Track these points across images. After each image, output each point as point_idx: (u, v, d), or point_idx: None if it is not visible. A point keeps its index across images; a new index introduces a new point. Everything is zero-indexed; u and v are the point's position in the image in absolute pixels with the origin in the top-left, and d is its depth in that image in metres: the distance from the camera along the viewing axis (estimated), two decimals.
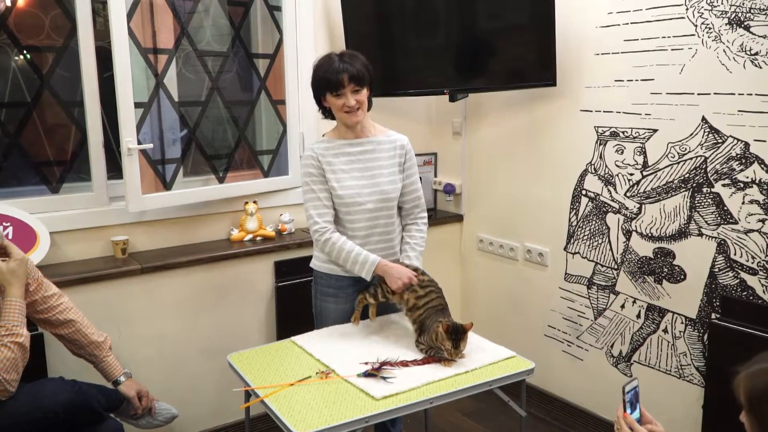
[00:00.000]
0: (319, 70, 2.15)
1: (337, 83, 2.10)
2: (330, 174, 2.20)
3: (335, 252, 2.18)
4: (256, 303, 2.82)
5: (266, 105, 3.03)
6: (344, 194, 2.20)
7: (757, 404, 1.22)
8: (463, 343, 1.95)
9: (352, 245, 2.17)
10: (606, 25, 2.59)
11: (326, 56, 2.18)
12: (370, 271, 2.15)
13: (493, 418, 2.97)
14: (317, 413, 1.70)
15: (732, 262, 2.29)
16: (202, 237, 2.81)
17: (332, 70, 2.11)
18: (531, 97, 2.94)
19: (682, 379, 2.49)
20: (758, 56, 2.15)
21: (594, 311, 2.80)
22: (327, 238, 2.19)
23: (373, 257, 2.16)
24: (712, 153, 2.31)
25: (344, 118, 2.17)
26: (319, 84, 2.15)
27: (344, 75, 2.10)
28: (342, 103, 2.13)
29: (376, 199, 2.22)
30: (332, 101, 2.15)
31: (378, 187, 2.23)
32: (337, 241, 2.18)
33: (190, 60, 2.79)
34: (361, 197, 2.21)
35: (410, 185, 2.31)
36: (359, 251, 2.16)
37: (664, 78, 2.42)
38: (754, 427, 1.23)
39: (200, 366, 2.69)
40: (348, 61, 2.12)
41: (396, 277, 2.11)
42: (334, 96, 2.13)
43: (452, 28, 2.96)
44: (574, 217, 2.84)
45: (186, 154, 2.81)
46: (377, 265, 2.14)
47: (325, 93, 2.15)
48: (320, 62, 2.17)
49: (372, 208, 2.22)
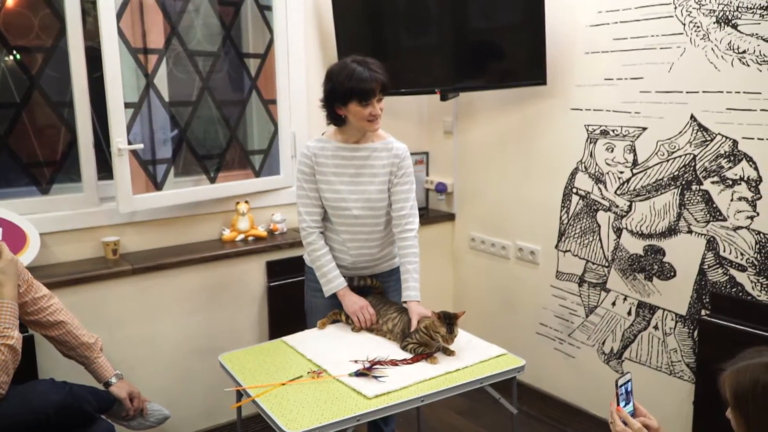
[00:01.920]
0: (346, 79, 2.07)
1: (370, 92, 2.07)
2: (320, 175, 2.21)
3: (312, 256, 2.25)
4: (249, 303, 2.82)
5: (257, 105, 3.02)
6: (330, 198, 2.21)
7: (742, 401, 1.23)
8: (456, 329, 1.99)
9: (330, 259, 2.24)
10: (595, 24, 2.60)
11: (344, 63, 2.13)
12: (330, 291, 2.23)
13: (485, 415, 2.98)
14: (309, 412, 1.70)
15: (721, 259, 2.31)
16: (194, 237, 2.81)
17: (364, 78, 2.06)
18: (522, 96, 2.94)
19: (673, 376, 2.51)
20: (746, 54, 2.16)
21: (585, 309, 2.81)
22: (311, 241, 2.24)
23: (339, 281, 2.23)
24: (700, 151, 2.32)
25: (367, 126, 2.14)
26: (347, 92, 2.07)
27: (376, 84, 2.08)
28: (369, 112, 2.10)
29: (362, 206, 2.22)
30: (356, 110, 2.10)
31: (365, 195, 2.22)
32: (319, 249, 2.23)
33: (181, 60, 2.78)
34: (347, 203, 2.21)
35: (399, 193, 2.24)
36: (332, 269, 2.23)
37: (653, 76, 2.43)
38: (740, 424, 1.24)
39: (192, 367, 2.69)
40: (376, 70, 2.09)
41: (353, 302, 2.21)
42: (361, 105, 2.09)
43: (443, 28, 2.97)
44: (565, 216, 2.85)
45: (177, 154, 2.81)
46: (338, 291, 2.23)
47: (349, 101, 2.09)
48: (340, 70, 2.11)
49: (357, 214, 2.22)
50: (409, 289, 2.21)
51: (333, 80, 2.12)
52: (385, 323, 2.17)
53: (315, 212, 2.23)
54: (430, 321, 2.02)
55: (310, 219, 2.23)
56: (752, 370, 1.22)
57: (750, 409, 1.21)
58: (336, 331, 2.23)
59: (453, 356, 2.02)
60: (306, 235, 2.25)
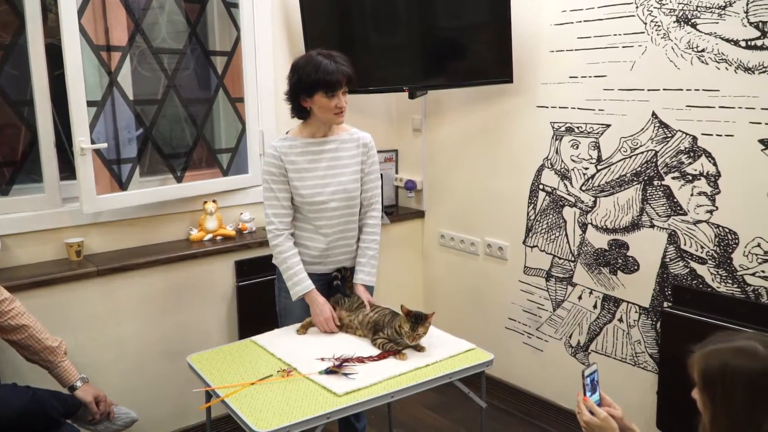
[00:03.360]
0: (313, 71, 2.09)
1: (336, 84, 2.09)
2: (293, 173, 2.20)
3: (280, 258, 2.23)
4: (217, 303, 2.80)
5: (224, 103, 3.00)
6: (306, 194, 2.20)
7: (709, 383, 1.26)
8: (423, 328, 2.00)
9: (298, 261, 2.22)
10: (560, 23, 2.64)
11: (310, 56, 2.15)
12: (298, 293, 2.21)
13: (455, 410, 3.01)
14: (279, 411, 1.70)
15: (682, 252, 2.37)
16: (161, 238, 2.77)
17: (330, 71, 2.09)
18: (489, 94, 2.97)
19: (637, 367, 2.56)
20: (704, 53, 2.22)
21: (552, 303, 2.86)
22: (277, 243, 2.22)
23: (307, 283, 2.21)
24: (662, 147, 2.38)
25: (333, 118, 2.17)
26: (313, 84, 2.09)
27: (342, 77, 2.10)
28: (334, 104, 2.12)
29: (339, 198, 2.23)
30: (322, 101, 2.12)
31: (341, 186, 2.23)
32: (287, 250, 2.22)
33: (145, 57, 2.74)
34: (324, 196, 2.21)
35: (369, 182, 2.31)
36: (299, 271, 2.21)
37: (616, 74, 2.48)
38: (706, 404, 1.27)
39: (160, 368, 2.66)
40: (342, 62, 2.12)
41: (317, 313, 2.19)
42: (327, 96, 2.11)
43: (412, 26, 2.98)
44: (532, 212, 2.89)
45: (142, 153, 2.77)
46: (306, 293, 2.21)
47: (315, 93, 2.11)
48: (307, 62, 2.13)
49: (335, 206, 2.23)
50: (364, 273, 2.28)
51: (299, 72, 2.13)
52: (356, 317, 2.18)
53: (283, 214, 2.22)
54: (400, 320, 2.04)
55: (278, 221, 2.21)
56: (722, 353, 1.26)
57: (717, 391, 1.24)
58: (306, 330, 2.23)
59: (423, 352, 2.03)
60: (273, 237, 2.23)
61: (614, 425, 1.52)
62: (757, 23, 2.07)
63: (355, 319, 2.18)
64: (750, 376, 1.21)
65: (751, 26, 2.09)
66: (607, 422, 1.51)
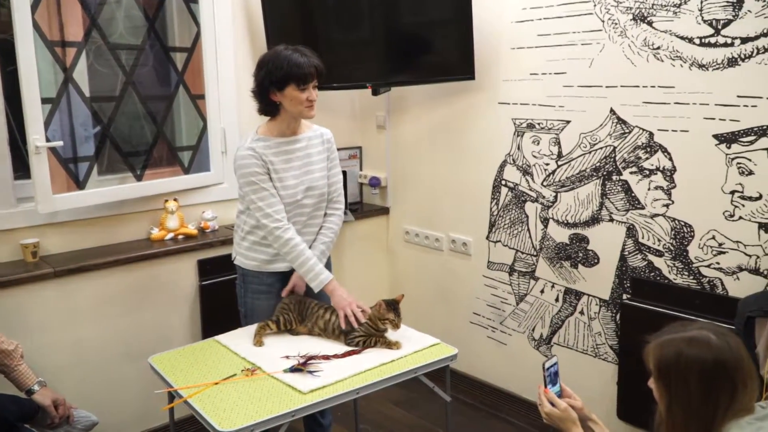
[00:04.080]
0: (284, 63, 2.08)
1: (308, 76, 2.09)
2: (273, 174, 2.17)
3: (293, 254, 2.16)
4: (180, 303, 2.76)
5: (185, 100, 2.95)
6: (285, 194, 2.19)
7: (664, 371, 1.30)
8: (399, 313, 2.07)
9: (312, 253, 2.19)
10: (520, 20, 2.67)
11: (277, 51, 2.13)
12: (321, 284, 2.16)
13: (421, 405, 3.02)
14: (243, 410, 1.69)
15: (640, 245, 2.42)
16: (121, 237, 2.72)
17: (301, 63, 2.08)
18: (451, 90, 2.99)
19: (598, 358, 2.62)
20: (660, 50, 2.27)
21: (516, 297, 2.89)
22: (289, 237, 2.15)
23: (326, 273, 2.18)
24: (620, 142, 2.43)
25: (304, 111, 2.15)
26: (284, 77, 2.08)
27: (313, 68, 2.10)
28: (305, 97, 2.11)
29: (312, 194, 2.24)
30: (294, 94, 2.10)
31: (312, 183, 2.24)
32: (300, 243, 2.16)
33: (102, 53, 2.68)
34: (299, 195, 2.21)
35: (333, 176, 2.32)
36: (316, 262, 2.17)
37: (575, 71, 2.52)
38: (662, 393, 1.31)
39: (121, 371, 2.61)
40: (310, 56, 2.12)
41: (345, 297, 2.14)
42: (299, 90, 2.10)
43: (375, 23, 2.98)
44: (495, 207, 2.92)
45: (100, 151, 2.71)
46: (328, 282, 2.17)
47: (287, 86, 2.09)
48: (275, 56, 2.11)
49: (308, 203, 2.23)
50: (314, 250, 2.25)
51: (267, 66, 2.11)
52: (315, 324, 2.15)
53: (281, 209, 2.17)
54: (374, 311, 2.06)
55: (281, 216, 2.15)
56: (676, 343, 1.29)
57: (672, 380, 1.28)
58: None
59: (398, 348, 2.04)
60: (282, 232, 2.14)
61: (574, 416, 1.55)
62: (711, 21, 2.13)
63: (315, 326, 2.15)
64: (703, 365, 1.24)
65: (705, 24, 2.14)
66: (567, 413, 1.54)
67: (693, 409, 1.25)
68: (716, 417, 1.24)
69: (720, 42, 2.12)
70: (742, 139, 2.12)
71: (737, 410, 1.24)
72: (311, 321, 2.16)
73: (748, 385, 1.26)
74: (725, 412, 1.24)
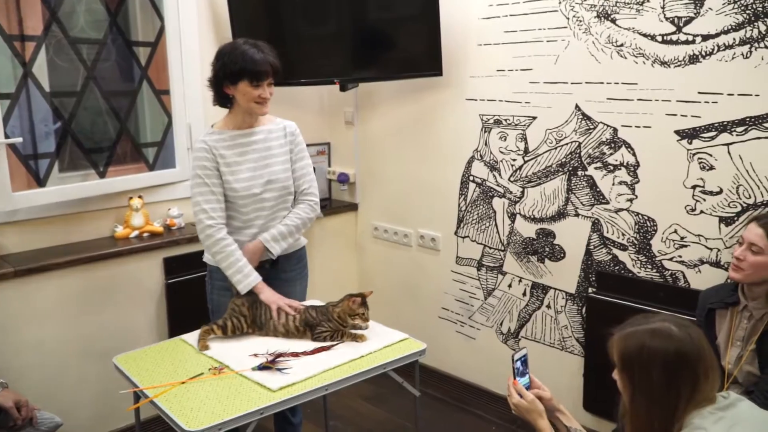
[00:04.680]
0: (239, 58, 2.07)
1: (262, 73, 2.07)
2: (225, 167, 2.15)
3: (225, 252, 2.13)
4: (146, 302, 2.72)
5: (149, 95, 2.90)
6: (240, 187, 2.16)
7: (627, 363, 1.32)
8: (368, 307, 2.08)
9: (239, 254, 2.14)
10: (487, 16, 2.69)
11: (236, 44, 2.12)
12: (248, 286, 2.13)
13: (390, 400, 3.03)
14: (211, 409, 1.67)
15: (605, 240, 2.46)
16: (84, 235, 2.67)
17: (256, 60, 2.06)
18: (419, 86, 3.00)
19: (565, 351, 2.65)
20: (623, 48, 2.31)
21: (484, 292, 2.92)
22: (221, 237, 2.14)
23: (255, 275, 2.14)
24: (585, 138, 2.46)
25: (256, 108, 2.14)
26: (238, 72, 2.07)
27: (269, 67, 2.09)
28: (258, 94, 2.10)
29: (273, 188, 2.21)
30: (246, 90, 2.09)
31: (273, 176, 2.21)
32: (231, 244, 2.14)
33: (63, 48, 2.62)
34: (257, 188, 2.18)
35: (300, 170, 2.28)
36: (245, 263, 2.14)
37: (541, 68, 2.55)
38: (625, 384, 1.33)
39: (86, 371, 2.56)
40: (268, 53, 2.11)
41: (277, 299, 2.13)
42: (252, 86, 2.08)
43: (342, 18, 2.97)
44: (463, 203, 2.94)
45: (61, 147, 2.65)
46: (256, 285, 2.14)
47: (240, 81, 2.08)
48: (232, 49, 2.10)
49: (269, 197, 2.21)
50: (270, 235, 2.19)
51: (223, 59, 2.10)
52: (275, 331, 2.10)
53: (219, 208, 2.15)
54: (345, 307, 2.06)
55: (217, 215, 2.14)
56: (639, 335, 1.32)
57: (636, 371, 1.30)
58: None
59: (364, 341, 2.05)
60: (214, 231, 2.13)
61: (540, 408, 1.57)
62: (673, 18, 2.17)
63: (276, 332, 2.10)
64: (665, 356, 1.27)
65: (667, 21, 2.19)
66: (534, 404, 1.56)
67: (656, 400, 1.28)
68: (678, 407, 1.27)
69: (681, 39, 2.16)
70: (703, 135, 2.16)
71: (699, 400, 1.27)
72: (269, 328, 2.11)
73: (710, 376, 1.29)
74: (687, 402, 1.27)
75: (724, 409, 1.28)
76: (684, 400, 1.27)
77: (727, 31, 2.07)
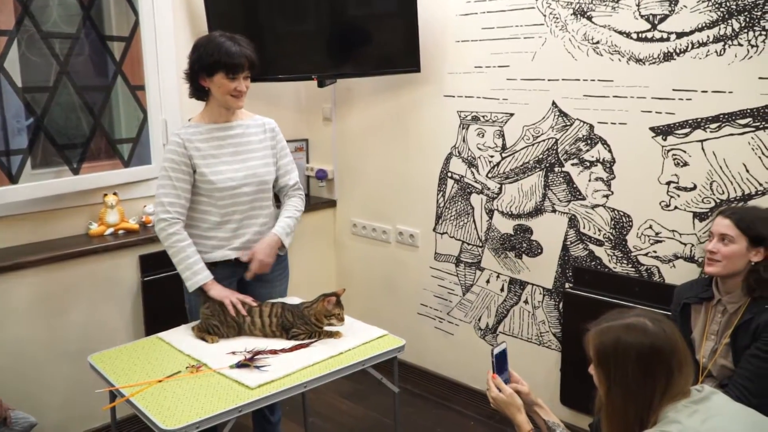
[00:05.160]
0: (215, 50, 2.06)
1: (238, 66, 2.07)
2: (199, 160, 2.14)
3: (177, 247, 2.11)
4: (122, 300, 2.68)
5: (124, 91, 2.86)
6: (217, 179, 2.14)
7: (603, 358, 1.34)
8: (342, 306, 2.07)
9: (195, 251, 2.13)
10: (465, 13, 2.69)
11: (212, 36, 2.11)
12: (197, 284, 2.11)
13: (369, 397, 3.03)
14: (189, 407, 1.66)
15: (582, 235, 2.49)
16: (57, 233, 2.62)
17: (233, 53, 2.06)
18: (398, 83, 3.00)
19: (542, 346, 2.68)
20: (599, 45, 2.33)
21: (462, 287, 2.93)
22: (174, 231, 2.11)
23: (206, 273, 2.12)
24: (561, 135, 2.48)
25: (231, 102, 2.13)
26: (214, 64, 2.06)
27: (245, 59, 2.08)
28: (234, 87, 2.10)
29: (251, 182, 2.20)
30: (222, 83, 2.08)
31: (251, 171, 2.20)
32: (184, 239, 2.12)
33: (35, 42, 2.57)
34: (235, 181, 2.17)
35: (284, 166, 2.30)
36: (198, 260, 2.12)
37: (519, 65, 2.56)
38: (601, 378, 1.35)
39: (61, 370, 2.52)
40: (245, 46, 2.10)
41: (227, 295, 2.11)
42: (228, 78, 2.08)
43: (321, 14, 2.95)
44: (441, 199, 2.95)
45: (34, 144, 2.60)
46: (206, 282, 2.12)
47: (216, 73, 2.07)
48: (208, 41, 2.09)
49: (248, 191, 2.19)
50: (279, 226, 2.22)
51: (200, 51, 2.09)
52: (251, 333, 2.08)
53: (178, 204, 2.13)
54: (317, 308, 2.04)
55: (173, 210, 2.12)
56: (614, 330, 1.33)
57: (611, 366, 1.32)
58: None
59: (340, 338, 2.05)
60: (167, 225, 2.11)
61: (519, 402, 1.58)
62: (648, 16, 2.19)
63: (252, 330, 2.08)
64: (640, 351, 1.29)
65: (642, 19, 2.21)
66: (512, 398, 1.58)
67: (631, 393, 1.30)
68: (653, 400, 1.29)
69: (656, 37, 2.19)
70: (677, 132, 2.19)
71: (674, 394, 1.29)
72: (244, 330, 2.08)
73: (683, 370, 1.31)
74: (662, 396, 1.29)
75: (699, 402, 1.30)
76: (659, 393, 1.29)
77: (701, 28, 2.10)
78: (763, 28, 1.98)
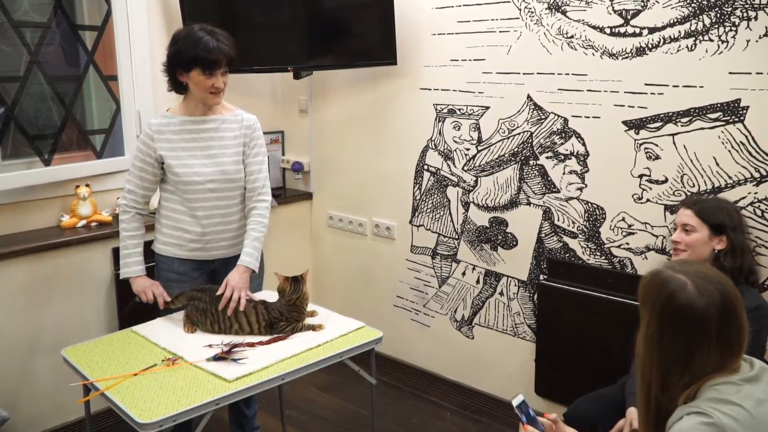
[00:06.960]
0: (192, 46, 2.03)
1: (215, 63, 2.05)
2: (168, 152, 2.12)
3: (121, 236, 2.21)
4: (94, 293, 2.65)
5: (96, 81, 2.82)
6: (182, 172, 2.13)
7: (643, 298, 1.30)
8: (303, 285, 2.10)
9: (137, 243, 2.19)
10: (441, 6, 2.70)
11: (192, 29, 2.08)
12: (125, 275, 2.19)
13: (346, 389, 3.04)
14: (165, 401, 1.65)
15: (556, 228, 2.52)
16: (29, 225, 2.58)
17: (210, 48, 2.03)
18: (374, 75, 3.00)
19: (517, 337, 2.71)
20: (573, 39, 2.36)
21: (438, 280, 2.95)
22: (123, 219, 2.20)
23: (136, 269, 2.18)
24: (536, 128, 2.51)
25: (208, 98, 2.12)
26: (191, 59, 2.03)
27: (222, 56, 2.06)
28: (211, 83, 2.08)
29: (218, 179, 2.17)
30: (199, 79, 2.07)
31: (220, 167, 2.17)
32: (128, 230, 2.19)
33: (5, 31, 2.52)
34: (201, 176, 2.15)
35: (252, 165, 2.23)
36: (132, 252, 2.18)
37: (494, 58, 2.58)
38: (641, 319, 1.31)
39: (33, 364, 2.49)
40: (224, 42, 2.07)
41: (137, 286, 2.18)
42: (205, 75, 2.05)
43: (297, 5, 2.93)
44: (417, 192, 2.96)
45: (4, 134, 2.55)
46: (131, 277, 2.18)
47: (192, 69, 2.05)
48: (187, 35, 2.06)
49: (213, 188, 2.17)
50: (244, 254, 2.17)
51: (178, 45, 2.07)
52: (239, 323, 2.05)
53: (137, 193, 2.18)
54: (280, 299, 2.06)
55: (130, 197, 2.18)
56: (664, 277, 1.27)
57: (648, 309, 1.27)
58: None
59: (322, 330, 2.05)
60: (121, 212, 2.20)
61: None
62: (621, 11, 2.22)
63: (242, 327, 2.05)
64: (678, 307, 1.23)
65: (615, 14, 2.24)
66: None
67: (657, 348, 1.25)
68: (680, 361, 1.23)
69: (629, 32, 2.22)
70: (649, 126, 2.23)
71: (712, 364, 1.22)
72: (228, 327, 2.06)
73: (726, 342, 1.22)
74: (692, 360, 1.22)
75: (751, 382, 1.23)
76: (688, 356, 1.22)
77: (672, 23, 2.13)
78: (733, 24, 2.02)
